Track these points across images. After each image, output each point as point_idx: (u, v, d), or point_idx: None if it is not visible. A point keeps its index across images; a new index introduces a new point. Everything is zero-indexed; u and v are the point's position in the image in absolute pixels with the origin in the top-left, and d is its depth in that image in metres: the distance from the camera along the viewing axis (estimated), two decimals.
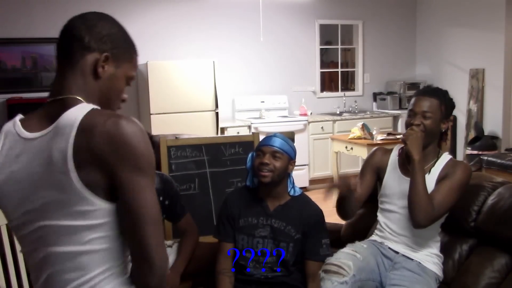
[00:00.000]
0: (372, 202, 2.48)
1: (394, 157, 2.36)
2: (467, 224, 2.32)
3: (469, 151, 6.19)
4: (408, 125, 2.25)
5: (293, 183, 2.33)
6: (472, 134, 6.43)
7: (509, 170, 5.04)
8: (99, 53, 1.20)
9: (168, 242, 2.53)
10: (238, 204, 2.32)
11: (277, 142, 2.24)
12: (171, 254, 2.45)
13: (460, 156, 6.85)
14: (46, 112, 1.20)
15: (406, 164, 2.27)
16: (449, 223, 2.38)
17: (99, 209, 1.13)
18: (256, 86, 6.73)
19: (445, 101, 2.26)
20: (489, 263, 2.18)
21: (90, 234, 1.14)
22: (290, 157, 2.26)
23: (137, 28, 1.34)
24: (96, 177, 1.10)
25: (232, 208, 2.32)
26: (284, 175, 2.26)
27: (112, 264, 1.18)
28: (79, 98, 1.18)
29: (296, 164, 2.37)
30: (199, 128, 5.45)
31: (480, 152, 5.91)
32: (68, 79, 1.20)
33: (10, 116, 6.42)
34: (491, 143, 6.14)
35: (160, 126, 5.40)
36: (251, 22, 6.52)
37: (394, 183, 2.29)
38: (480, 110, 6.52)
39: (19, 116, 1.25)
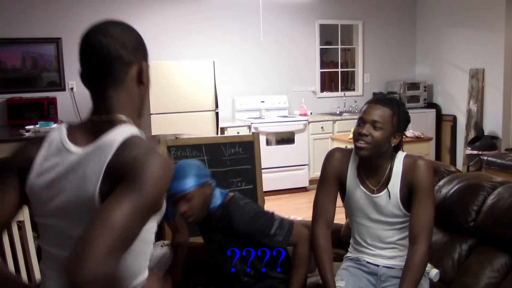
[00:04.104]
0: None
1: (353, 161, 2.18)
2: (466, 224, 2.32)
3: (469, 151, 6.20)
4: (355, 134, 2.06)
5: (214, 198, 2.12)
6: (472, 134, 6.43)
7: (509, 170, 5.04)
8: (138, 64, 1.25)
9: (166, 242, 2.55)
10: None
11: (177, 187, 2.00)
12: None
13: (460, 156, 6.86)
14: (93, 129, 1.21)
15: (362, 174, 2.14)
16: (448, 222, 2.39)
17: None
18: (256, 86, 6.74)
19: (399, 113, 2.05)
20: (488, 263, 2.18)
21: None
22: (198, 185, 2.03)
23: (137, 29, 1.35)
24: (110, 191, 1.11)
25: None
26: (201, 206, 2.07)
27: None
28: (124, 117, 1.23)
29: (296, 164, 2.36)
30: (199, 128, 5.45)
31: (480, 152, 5.92)
32: (113, 97, 1.23)
33: (10, 116, 6.40)
34: (491, 143, 6.14)
35: (160, 126, 5.40)
36: (251, 22, 6.52)
37: (357, 196, 2.15)
38: (480, 110, 6.52)
39: (66, 125, 1.26)
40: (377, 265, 2.18)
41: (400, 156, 2.12)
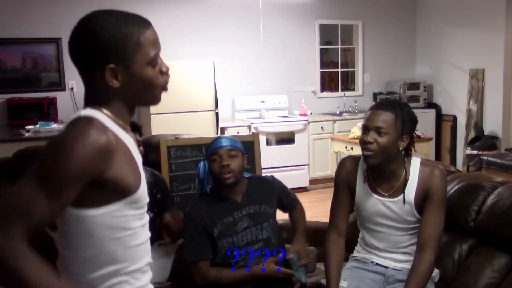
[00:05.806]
0: None
1: (362, 167, 2.18)
2: (466, 224, 2.32)
3: (469, 151, 6.20)
4: (361, 142, 2.06)
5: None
6: (472, 134, 6.43)
7: (509, 170, 5.04)
8: (101, 69, 1.15)
9: (163, 241, 2.55)
10: (206, 214, 2.23)
11: (227, 142, 2.26)
12: (172, 253, 2.47)
13: (460, 156, 6.86)
14: None
15: (371, 181, 2.15)
16: (448, 223, 2.38)
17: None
18: (256, 86, 6.73)
19: (402, 115, 2.02)
20: (488, 263, 2.18)
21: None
22: (242, 153, 2.28)
23: None
24: None
25: (201, 222, 2.22)
26: (243, 170, 2.28)
27: None
28: (93, 106, 1.18)
29: (296, 164, 2.39)
30: (199, 128, 5.45)
31: (480, 152, 5.92)
32: (88, 96, 1.21)
33: (10, 116, 6.38)
34: (491, 143, 6.14)
35: (160, 126, 5.39)
36: (251, 22, 6.52)
37: (367, 203, 2.15)
38: (480, 110, 6.52)
39: None
40: (386, 267, 2.17)
41: (416, 163, 2.12)
